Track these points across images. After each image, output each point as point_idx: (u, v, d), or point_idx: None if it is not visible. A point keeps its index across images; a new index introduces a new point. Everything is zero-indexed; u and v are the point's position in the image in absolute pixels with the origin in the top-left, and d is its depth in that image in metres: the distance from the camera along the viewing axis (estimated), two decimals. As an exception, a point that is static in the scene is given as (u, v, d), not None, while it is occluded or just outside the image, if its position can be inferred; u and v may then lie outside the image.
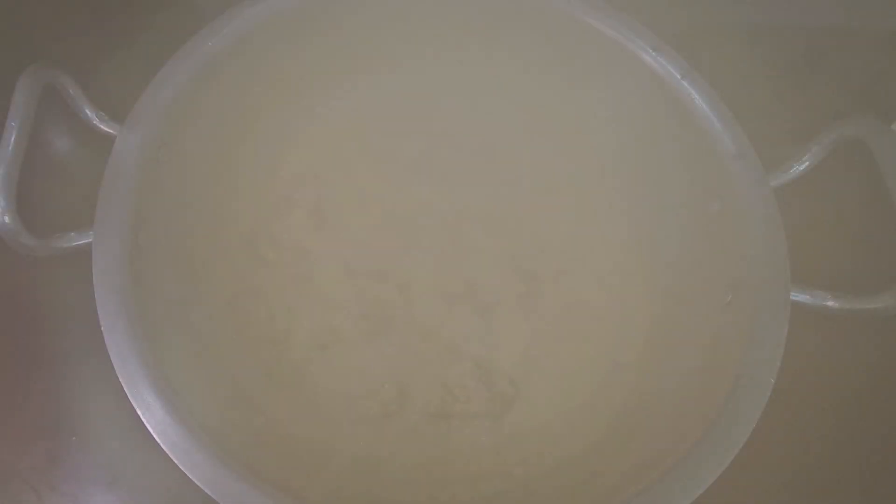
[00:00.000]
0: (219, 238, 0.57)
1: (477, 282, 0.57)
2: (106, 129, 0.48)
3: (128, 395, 0.40)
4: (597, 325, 0.57)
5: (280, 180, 0.60)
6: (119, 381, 0.41)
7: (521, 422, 0.53)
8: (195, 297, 0.55)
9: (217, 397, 0.51)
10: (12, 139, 0.41)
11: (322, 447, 0.52)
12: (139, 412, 0.40)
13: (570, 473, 0.50)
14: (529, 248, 0.59)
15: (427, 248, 0.58)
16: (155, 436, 0.39)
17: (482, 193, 0.61)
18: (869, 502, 0.55)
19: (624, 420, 0.52)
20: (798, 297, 0.44)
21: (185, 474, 0.38)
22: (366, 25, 0.60)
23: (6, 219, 0.41)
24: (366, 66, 0.63)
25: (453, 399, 0.52)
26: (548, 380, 0.55)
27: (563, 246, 0.59)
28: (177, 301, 0.52)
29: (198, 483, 0.38)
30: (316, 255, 0.57)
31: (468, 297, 0.56)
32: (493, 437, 0.53)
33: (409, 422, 0.53)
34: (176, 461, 0.39)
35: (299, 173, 0.60)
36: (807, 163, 0.48)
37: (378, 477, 0.51)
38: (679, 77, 0.51)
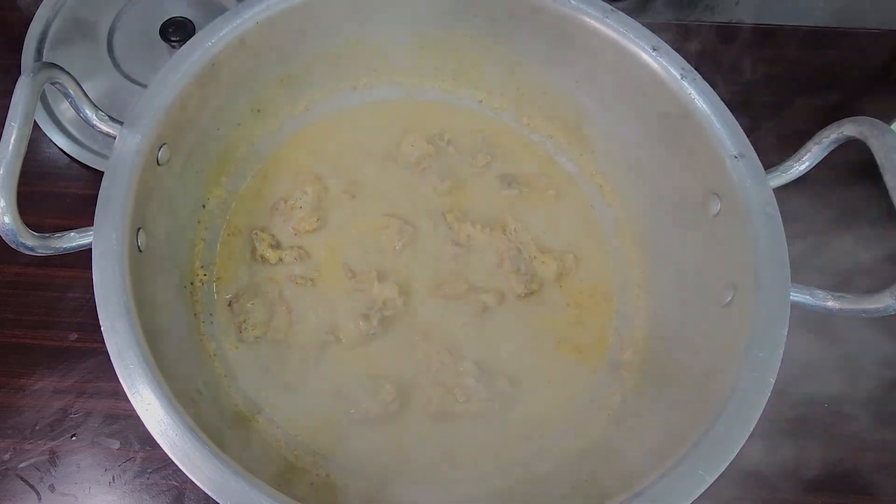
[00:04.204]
0: (219, 238, 0.57)
1: (477, 282, 0.57)
2: (106, 128, 0.48)
3: (128, 394, 0.40)
4: (597, 326, 0.57)
5: (280, 181, 0.60)
6: (119, 381, 0.40)
7: (521, 422, 0.53)
8: (195, 297, 0.55)
9: (217, 397, 0.51)
10: (11, 140, 0.41)
11: (322, 447, 0.52)
12: (139, 412, 0.40)
13: (570, 473, 0.50)
14: (530, 248, 0.59)
15: (428, 248, 0.58)
16: (155, 436, 0.39)
17: (483, 195, 0.61)
18: (868, 501, 0.55)
19: (624, 420, 0.52)
20: (798, 297, 0.44)
21: (185, 474, 0.38)
22: (368, 29, 0.60)
23: (6, 219, 0.41)
24: (368, 69, 0.63)
25: (453, 399, 0.52)
26: (548, 380, 0.55)
27: (564, 247, 0.59)
28: (177, 302, 0.52)
29: (198, 483, 0.38)
30: (316, 254, 0.57)
31: (469, 297, 0.56)
32: (492, 437, 0.53)
33: (408, 422, 0.53)
34: (176, 461, 0.39)
35: (300, 174, 0.60)
36: (807, 163, 0.48)
37: (377, 477, 0.51)
38: (679, 77, 0.51)
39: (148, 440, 0.39)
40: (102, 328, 0.42)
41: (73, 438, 0.54)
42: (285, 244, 0.58)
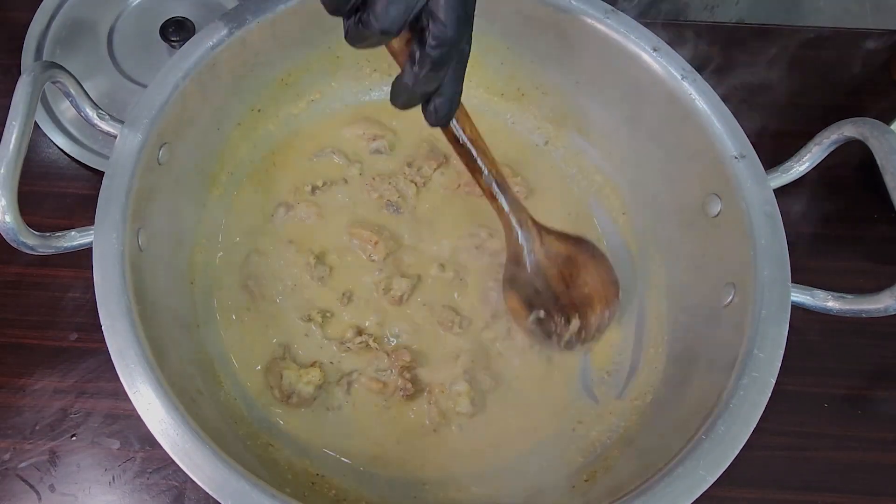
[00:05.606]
0: (219, 238, 0.57)
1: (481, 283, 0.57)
2: (106, 128, 0.48)
3: (128, 394, 0.40)
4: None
5: (281, 180, 0.60)
6: (119, 381, 0.40)
7: (518, 423, 0.53)
8: (195, 297, 0.55)
9: (216, 397, 0.51)
10: (12, 139, 0.41)
11: (319, 447, 0.52)
12: (140, 411, 0.40)
13: (570, 474, 0.50)
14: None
15: (428, 246, 0.58)
16: (155, 435, 0.39)
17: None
18: (868, 500, 0.55)
19: (624, 421, 0.52)
20: (798, 297, 0.44)
21: (186, 474, 0.38)
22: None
23: (7, 218, 0.41)
24: (370, 69, 0.63)
25: (449, 400, 0.52)
26: (547, 381, 0.55)
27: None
28: (177, 301, 0.52)
29: (198, 482, 0.38)
30: (315, 251, 0.57)
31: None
32: (487, 439, 0.53)
33: (409, 425, 0.53)
34: (176, 460, 0.39)
35: (300, 173, 0.60)
36: (807, 163, 0.48)
37: (378, 477, 0.51)
38: (679, 77, 0.51)
39: (148, 440, 0.39)
40: (103, 328, 0.42)
41: (73, 438, 0.54)
42: (286, 243, 0.58)
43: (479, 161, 0.48)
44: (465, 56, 0.40)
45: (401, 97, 0.40)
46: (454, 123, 0.46)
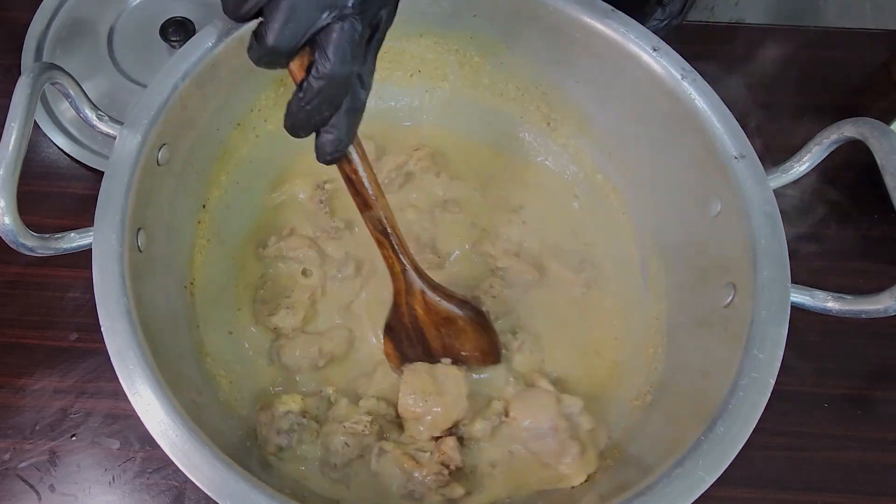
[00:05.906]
0: (219, 239, 0.57)
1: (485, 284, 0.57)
2: (106, 129, 0.48)
3: (127, 395, 0.40)
4: (599, 326, 0.57)
5: (282, 180, 0.60)
6: (119, 381, 0.40)
7: (522, 424, 0.53)
8: (195, 297, 0.55)
9: (216, 398, 0.51)
10: (12, 139, 0.41)
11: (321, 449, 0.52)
12: (139, 412, 0.40)
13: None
14: (532, 249, 0.58)
15: (439, 246, 0.58)
16: (154, 436, 0.39)
17: (489, 198, 0.61)
18: (868, 500, 0.55)
19: (623, 421, 0.52)
20: (798, 297, 0.44)
21: (185, 474, 0.38)
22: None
23: (6, 219, 0.41)
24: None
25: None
26: (551, 381, 0.55)
27: (566, 249, 0.59)
28: (177, 302, 0.52)
29: (197, 483, 0.38)
30: (318, 252, 0.57)
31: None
32: (497, 439, 0.53)
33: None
34: (175, 461, 0.39)
35: (301, 173, 0.60)
36: (807, 163, 0.48)
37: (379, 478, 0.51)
38: (679, 77, 0.51)
39: (148, 440, 0.39)
40: (102, 328, 0.42)
41: (73, 438, 0.54)
42: (287, 244, 0.58)
43: (371, 204, 0.46)
44: (358, 100, 0.40)
45: (287, 120, 0.40)
46: (351, 159, 0.44)
